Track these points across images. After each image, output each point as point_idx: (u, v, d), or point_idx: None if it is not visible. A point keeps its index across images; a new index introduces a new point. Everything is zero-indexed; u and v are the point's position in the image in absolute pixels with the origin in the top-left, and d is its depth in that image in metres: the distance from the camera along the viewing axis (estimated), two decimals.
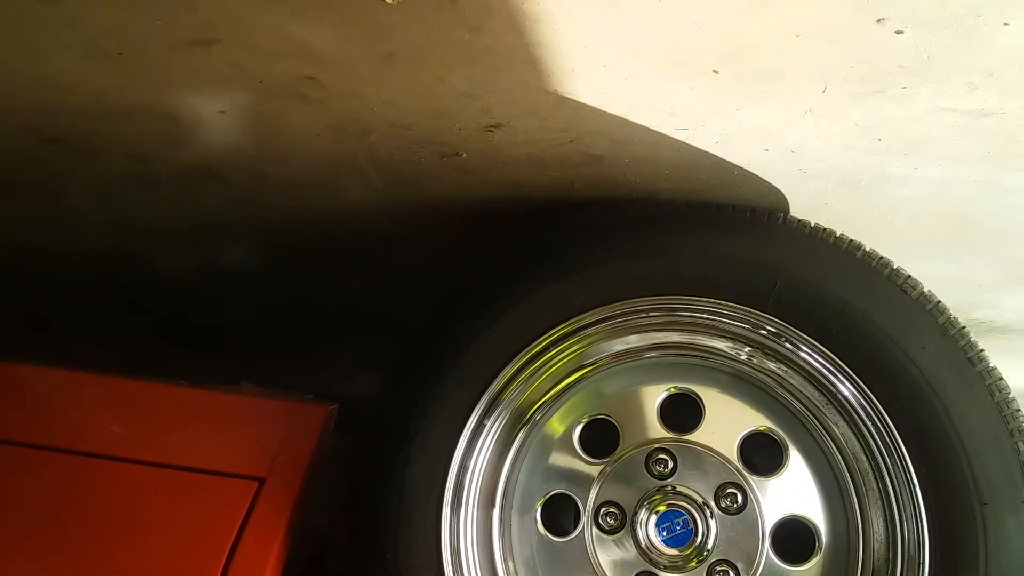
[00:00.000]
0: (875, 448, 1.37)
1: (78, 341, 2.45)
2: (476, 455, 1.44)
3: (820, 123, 1.22)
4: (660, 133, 1.28)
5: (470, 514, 1.43)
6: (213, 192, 1.76)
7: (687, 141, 1.30)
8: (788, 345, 1.42)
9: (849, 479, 1.42)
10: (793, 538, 1.44)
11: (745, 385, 1.50)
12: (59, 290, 2.37)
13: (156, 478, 1.59)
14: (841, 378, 1.39)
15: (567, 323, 1.45)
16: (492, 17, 1.04)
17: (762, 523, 1.42)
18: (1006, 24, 0.95)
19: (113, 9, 1.13)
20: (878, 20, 0.98)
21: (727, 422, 1.49)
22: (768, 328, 1.42)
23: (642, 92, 1.17)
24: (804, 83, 1.12)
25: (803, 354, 1.41)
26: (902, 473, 1.34)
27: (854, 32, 1.01)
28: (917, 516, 1.32)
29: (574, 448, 1.51)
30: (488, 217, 1.69)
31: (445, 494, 1.41)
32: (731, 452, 1.46)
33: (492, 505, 1.46)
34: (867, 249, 1.41)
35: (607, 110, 1.23)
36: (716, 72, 1.10)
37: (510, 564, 1.48)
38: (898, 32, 0.99)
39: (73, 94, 1.42)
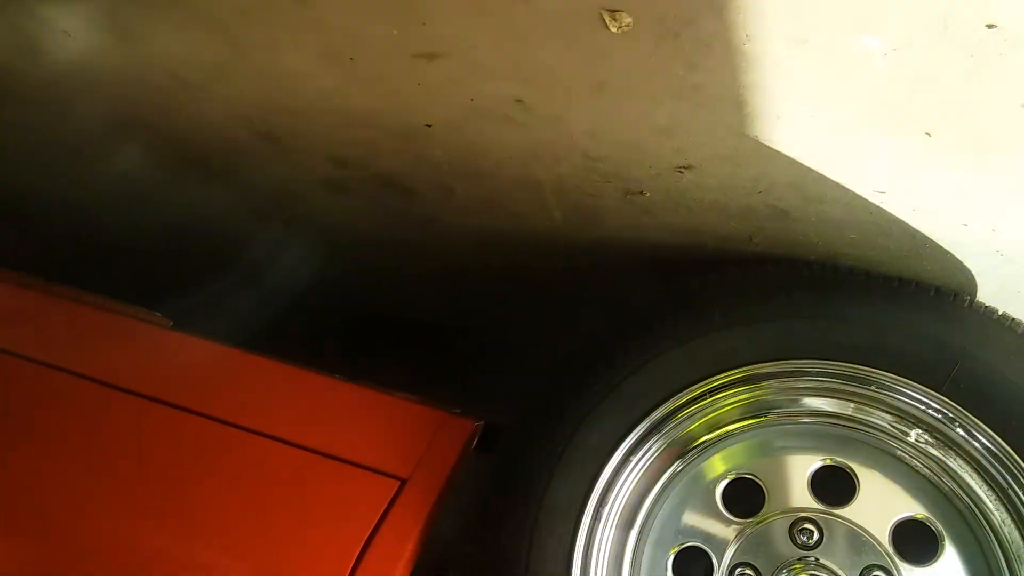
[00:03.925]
0: None
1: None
2: (624, 481, 1.44)
3: None
4: (855, 193, 1.27)
5: (607, 537, 1.43)
6: (398, 203, 1.86)
7: (882, 205, 1.28)
8: (961, 432, 1.36)
9: None
10: None
11: (906, 469, 1.45)
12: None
13: (304, 461, 1.65)
14: (1016, 474, 1.32)
15: (730, 373, 1.44)
16: (710, 55, 1.07)
17: None
18: None
19: (357, 16, 1.23)
20: None
21: (881, 504, 1.44)
22: (942, 411, 1.37)
23: (845, 147, 1.17)
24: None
25: (976, 443, 1.35)
26: None
27: None
28: None
29: (715, 504, 1.49)
30: (658, 262, 1.70)
31: (584, 515, 1.41)
32: (883, 535, 1.41)
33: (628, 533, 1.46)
34: None
35: (804, 162, 1.23)
36: (928, 135, 1.09)
37: None
38: None
39: (295, 94, 1.54)
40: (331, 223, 2.10)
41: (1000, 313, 1.39)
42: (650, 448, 1.47)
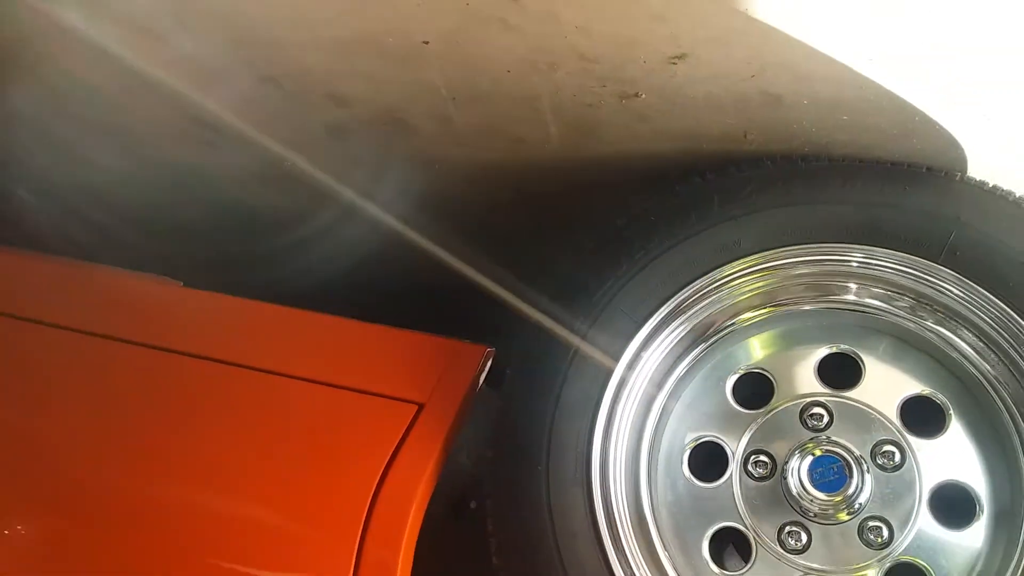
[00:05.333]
0: None
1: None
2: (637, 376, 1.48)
3: None
4: (844, 66, 1.31)
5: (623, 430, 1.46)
6: (399, 143, 1.89)
7: (871, 77, 1.32)
8: (961, 299, 1.40)
9: (1018, 444, 1.38)
10: (952, 503, 1.40)
11: (909, 348, 1.49)
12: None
13: (322, 395, 1.68)
14: (1019, 334, 1.36)
15: (735, 263, 1.47)
16: None
17: (920, 484, 1.40)
18: None
19: None
20: None
21: (887, 384, 1.49)
22: (940, 281, 1.41)
23: (834, 13, 1.21)
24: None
25: (976, 309, 1.40)
26: None
27: None
28: None
29: (726, 398, 1.53)
30: (657, 174, 1.74)
31: (600, 410, 1.44)
32: (891, 412, 1.46)
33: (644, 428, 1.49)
34: None
35: (794, 35, 1.27)
36: None
37: (657, 509, 1.48)
38: None
39: (294, 26, 1.57)
40: (333, 175, 2.13)
41: (991, 185, 1.43)
42: (662, 343, 1.51)
